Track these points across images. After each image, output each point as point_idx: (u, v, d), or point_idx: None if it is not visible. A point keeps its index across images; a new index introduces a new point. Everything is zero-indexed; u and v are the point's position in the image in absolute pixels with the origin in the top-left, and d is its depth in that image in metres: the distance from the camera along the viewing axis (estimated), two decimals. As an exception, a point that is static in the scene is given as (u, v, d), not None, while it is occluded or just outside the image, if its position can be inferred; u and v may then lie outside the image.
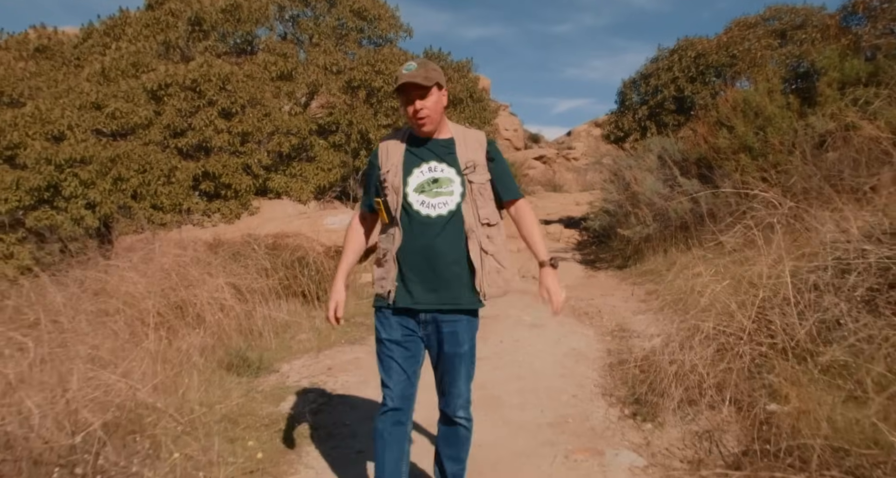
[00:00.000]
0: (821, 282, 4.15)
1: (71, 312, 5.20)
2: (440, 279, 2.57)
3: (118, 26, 12.16)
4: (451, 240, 2.56)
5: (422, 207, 2.55)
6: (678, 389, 4.14)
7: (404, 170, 2.59)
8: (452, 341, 2.62)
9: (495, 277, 2.63)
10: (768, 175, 8.45)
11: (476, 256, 2.57)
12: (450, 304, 2.58)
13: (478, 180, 2.58)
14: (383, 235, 2.67)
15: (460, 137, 2.65)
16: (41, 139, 9.29)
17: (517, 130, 38.84)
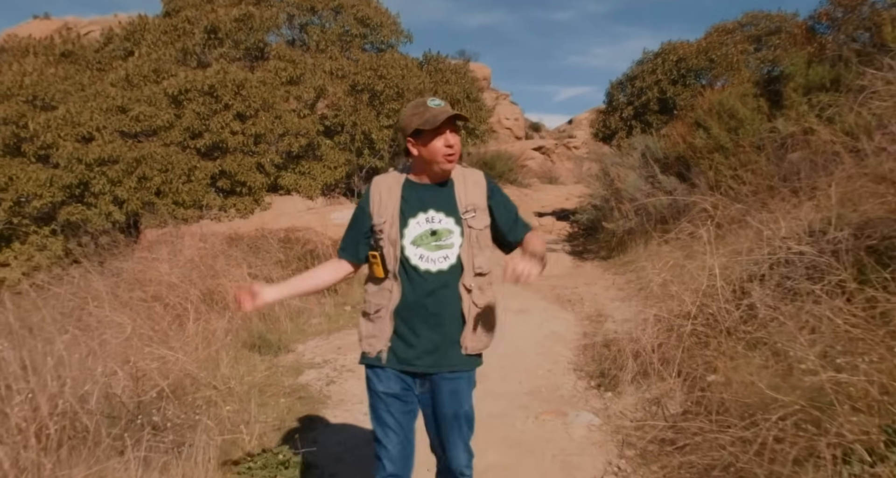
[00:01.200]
0: (755, 273, 4.84)
1: (116, 298, 5.91)
2: (440, 340, 2.38)
3: (137, 32, 12.79)
4: (451, 296, 2.37)
5: (420, 261, 2.36)
6: (634, 363, 4.84)
7: (401, 221, 2.37)
8: (453, 401, 2.44)
9: (480, 333, 2.45)
10: (739, 174, 9.10)
11: (466, 310, 2.38)
12: (449, 366, 2.41)
13: (477, 226, 2.39)
14: (374, 288, 2.45)
15: (459, 179, 2.44)
16: (72, 140, 9.95)
17: (518, 119, 38.91)
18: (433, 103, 2.33)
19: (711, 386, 4.19)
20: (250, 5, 12.00)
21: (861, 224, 4.64)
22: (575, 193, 20.29)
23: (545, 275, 9.39)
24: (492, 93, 40.42)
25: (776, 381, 3.32)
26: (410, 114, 2.33)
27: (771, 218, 5.57)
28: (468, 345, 2.40)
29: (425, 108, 2.32)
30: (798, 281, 4.32)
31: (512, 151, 31.25)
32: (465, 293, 2.37)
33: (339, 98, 11.56)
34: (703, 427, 3.60)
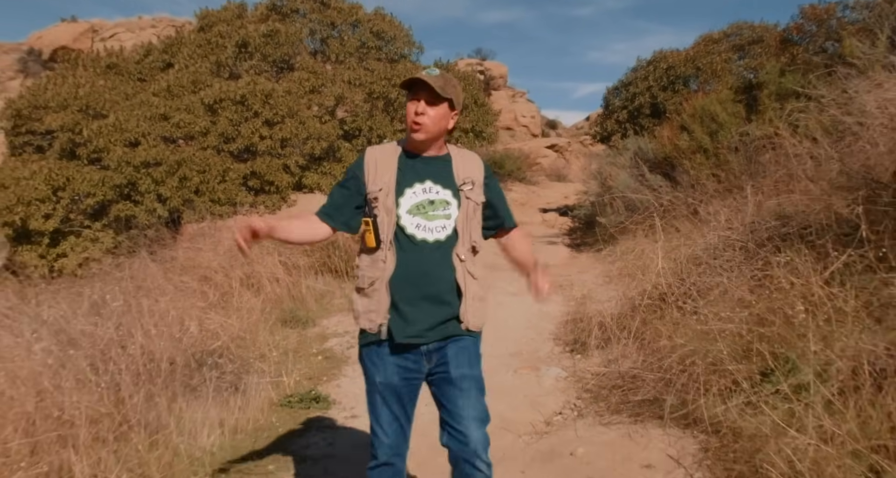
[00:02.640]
0: (702, 257, 5.74)
1: (169, 281, 6.91)
2: (436, 309, 2.30)
3: (175, 46, 13.82)
4: (447, 266, 2.31)
5: (417, 230, 2.29)
6: (599, 332, 5.76)
7: (397, 189, 2.31)
8: (461, 360, 2.32)
9: (478, 306, 2.37)
10: (715, 172, 9.95)
11: (462, 281, 2.31)
12: (447, 336, 2.33)
13: (474, 199, 2.36)
14: (367, 259, 2.36)
15: (457, 155, 2.42)
16: (121, 145, 10.99)
17: (534, 117, 39.17)
18: (427, 71, 2.29)
19: (659, 349, 5.12)
20: (277, 22, 13.00)
21: (785, 215, 5.54)
22: (580, 190, 21.15)
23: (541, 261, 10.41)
24: (508, 91, 40.75)
25: (690, 335, 4.24)
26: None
27: (720, 210, 6.47)
28: (469, 319, 2.32)
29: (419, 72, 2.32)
30: (724, 261, 5.23)
31: (525, 149, 32.00)
32: (459, 263, 2.30)
33: (356, 105, 12.51)
34: (640, 374, 4.52)
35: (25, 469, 2.46)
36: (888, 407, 3.00)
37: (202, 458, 3.52)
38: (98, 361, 3.65)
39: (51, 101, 11.64)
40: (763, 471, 2.85)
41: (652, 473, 3.36)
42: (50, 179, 10.86)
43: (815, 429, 2.96)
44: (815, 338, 3.48)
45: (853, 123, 6.00)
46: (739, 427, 3.33)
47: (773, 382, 3.63)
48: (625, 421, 4.10)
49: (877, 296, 3.56)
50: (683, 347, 4.05)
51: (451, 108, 2.33)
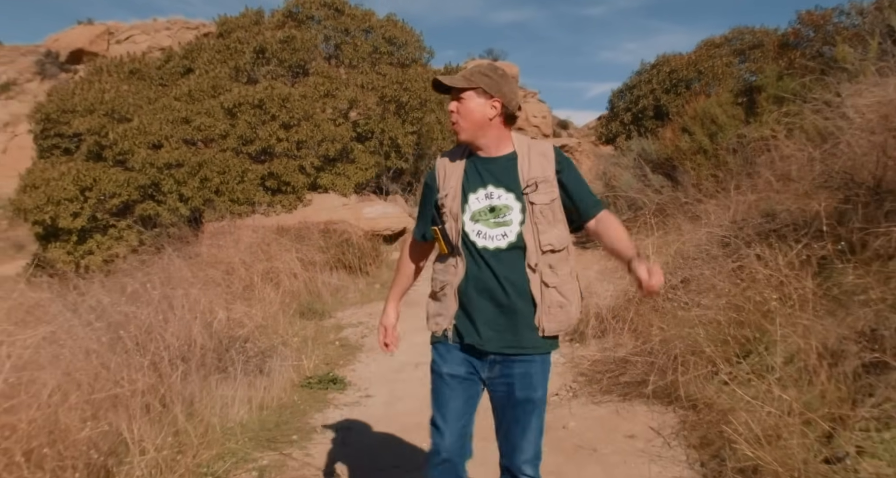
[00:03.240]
0: (690, 252, 6.10)
1: (194, 275, 7.33)
2: (504, 319, 2.22)
3: (194, 51, 14.27)
4: (513, 274, 2.20)
5: (478, 238, 2.23)
6: (596, 322, 6.13)
7: (462, 195, 2.26)
8: (525, 384, 2.23)
9: (557, 312, 2.23)
10: (715, 173, 10.28)
11: (536, 290, 2.20)
12: (515, 347, 2.22)
13: (540, 201, 2.20)
14: (440, 265, 2.34)
15: (523, 152, 2.27)
16: (145, 147, 11.44)
17: (546, 117, 38.86)
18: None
19: (650, 337, 5.49)
20: (293, 28, 13.43)
21: (769, 213, 5.90)
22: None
23: None
24: (519, 91, 41.27)
25: (672, 322, 4.61)
26: None
27: (711, 209, 6.82)
28: (545, 326, 2.21)
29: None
30: (709, 255, 5.59)
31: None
32: (531, 273, 2.19)
33: (369, 108, 12.91)
34: (630, 359, 4.89)
35: (91, 428, 2.87)
36: (840, 382, 3.37)
37: (233, 428, 3.93)
38: (141, 342, 4.06)
39: (78, 106, 12.12)
40: (727, 436, 3.21)
41: (634, 441, 3.73)
42: (78, 180, 11.32)
43: (776, 402, 3.32)
44: (782, 323, 3.84)
45: (834, 127, 6.36)
46: (713, 402, 3.70)
47: (748, 362, 4.01)
48: (614, 400, 4.48)
49: (836, 285, 3.92)
50: (665, 332, 4.41)
51: (486, 96, 2.20)
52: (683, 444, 3.59)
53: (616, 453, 3.61)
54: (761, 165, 9.41)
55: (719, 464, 3.18)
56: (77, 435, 2.92)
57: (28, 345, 3.20)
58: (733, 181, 9.47)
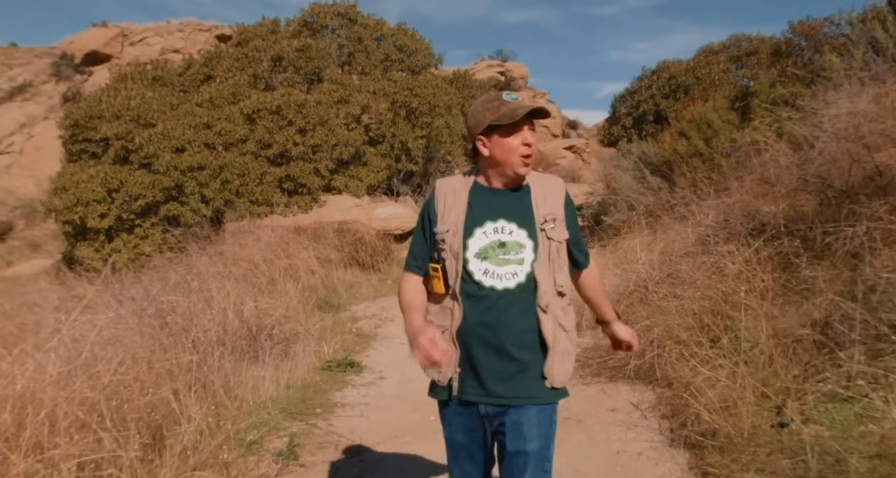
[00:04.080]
0: (675, 249, 6.58)
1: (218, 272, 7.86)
2: (511, 367, 2.02)
3: (214, 59, 14.84)
4: (522, 317, 2.02)
5: (485, 277, 2.02)
6: (590, 315, 6.62)
7: (465, 230, 2.05)
8: (515, 436, 2.03)
9: (566, 361, 2.07)
10: (710, 175, 10.73)
11: (550, 334, 2.01)
12: (523, 397, 2.02)
13: (557, 238, 2.05)
14: (435, 307, 2.12)
15: (537, 185, 2.10)
16: (168, 151, 12.00)
17: (555, 118, 38.71)
18: (509, 97, 2.05)
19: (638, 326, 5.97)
20: (308, 37, 13.97)
21: (749, 213, 6.37)
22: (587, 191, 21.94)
23: None
24: (529, 92, 40.77)
25: (653, 311, 5.10)
26: (483, 109, 2.05)
27: (695, 210, 7.30)
28: (556, 377, 2.03)
29: (501, 102, 2.03)
30: (690, 252, 6.08)
31: (544, 150, 32.70)
32: (544, 315, 2.00)
33: (380, 113, 13.43)
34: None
35: (152, 394, 3.39)
36: (793, 363, 3.86)
37: (265, 403, 4.45)
38: (184, 327, 4.60)
39: (105, 112, 12.70)
40: (692, 407, 3.71)
41: (615, 414, 4.23)
42: (105, 182, 11.90)
43: (738, 379, 3.81)
44: (747, 311, 4.33)
45: (810, 135, 6.83)
46: (685, 380, 4.19)
47: (719, 346, 4.50)
48: (601, 381, 4.98)
49: (795, 278, 4.40)
50: (647, 321, 4.91)
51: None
52: (657, 415, 4.08)
53: (599, 423, 4.11)
54: (748, 168, 9.88)
55: (684, 429, 3.67)
56: (139, 401, 3.44)
57: (95, 326, 3.73)
58: (724, 183, 9.95)
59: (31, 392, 2.81)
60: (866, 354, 3.75)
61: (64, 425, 2.82)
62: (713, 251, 5.56)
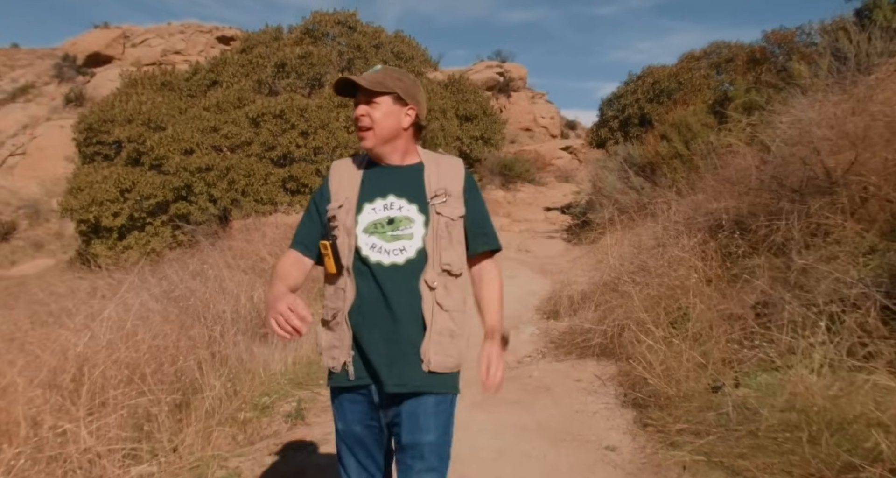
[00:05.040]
0: (644, 244, 7.17)
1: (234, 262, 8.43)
2: (392, 350, 1.92)
3: (220, 65, 15.41)
4: (408, 295, 1.93)
5: (372, 251, 1.94)
6: (568, 302, 7.20)
7: (357, 206, 1.99)
8: (411, 427, 1.94)
9: (446, 343, 1.95)
10: (688, 176, 11.30)
11: (428, 311, 1.92)
12: (411, 387, 1.93)
13: (448, 214, 1.98)
14: (330, 289, 2.02)
15: (431, 162, 2.07)
16: (178, 153, 12.58)
17: (553, 118, 39.92)
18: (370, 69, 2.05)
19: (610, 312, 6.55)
20: (310, 45, 14.55)
21: (709, 212, 6.95)
22: (575, 191, 22.56)
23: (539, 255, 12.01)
24: (527, 92, 41.02)
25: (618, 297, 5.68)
26: None
27: (667, 208, 7.88)
28: (431, 358, 1.92)
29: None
30: (656, 246, 6.66)
31: (541, 151, 33.27)
32: (427, 291, 1.93)
33: (378, 117, 14.01)
34: (589, 328, 5.96)
35: (182, 361, 3.97)
36: (731, 339, 4.45)
37: (274, 375, 5.03)
38: (201, 311, 5.18)
39: (118, 116, 13.28)
40: (642, 375, 4.29)
41: (580, 383, 4.81)
42: (118, 183, 12.48)
43: (685, 353, 4.39)
44: (695, 296, 4.91)
45: (768, 139, 7.41)
46: (641, 355, 4.77)
47: (676, 326, 5.08)
48: (572, 358, 5.56)
49: (738, 266, 4.99)
50: (609, 303, 5.49)
51: (401, 103, 2.00)
52: (615, 384, 4.66)
53: (564, 390, 4.68)
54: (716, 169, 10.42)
55: (633, 393, 4.26)
56: (169, 368, 4.03)
57: (130, 306, 4.32)
58: (700, 183, 10.51)
59: (88, 355, 3.39)
60: (794, 330, 4.33)
61: (113, 383, 3.40)
62: (675, 244, 6.15)
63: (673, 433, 3.57)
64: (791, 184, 6.48)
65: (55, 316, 4.94)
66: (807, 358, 4.10)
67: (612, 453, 3.53)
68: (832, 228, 5.08)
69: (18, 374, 3.20)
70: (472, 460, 3.50)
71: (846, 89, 7.85)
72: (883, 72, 7.12)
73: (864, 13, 11.65)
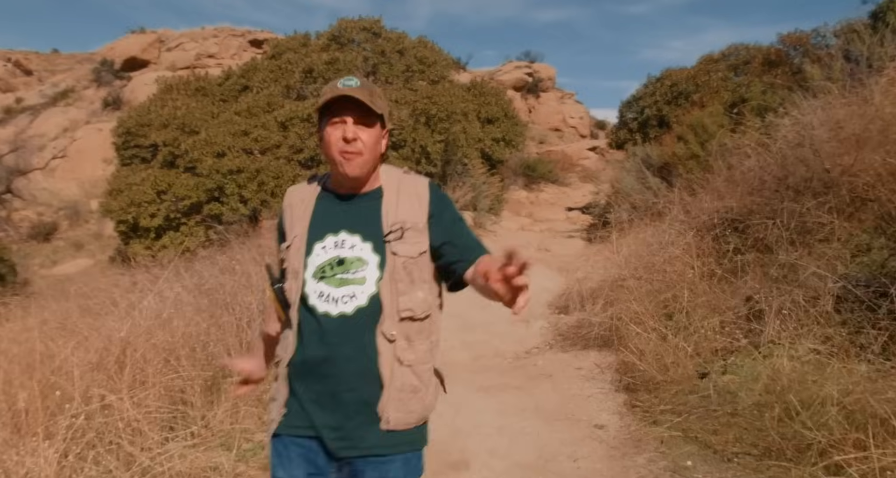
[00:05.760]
0: (652, 243, 7.43)
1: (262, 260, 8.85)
2: (343, 409, 1.68)
3: (250, 71, 15.92)
4: (358, 350, 1.66)
5: (319, 300, 1.68)
6: (577, 298, 7.48)
7: (307, 245, 1.72)
8: None
9: (408, 399, 1.70)
10: (704, 176, 11.48)
11: (386, 369, 1.67)
12: (364, 449, 1.68)
13: (405, 253, 1.69)
14: (282, 334, 1.78)
15: (392, 188, 1.77)
16: (211, 156, 13.08)
17: (583, 118, 39.77)
18: (343, 83, 1.71)
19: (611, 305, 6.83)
20: (336, 51, 14.99)
21: (714, 211, 7.19)
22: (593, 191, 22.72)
23: (557, 253, 12.33)
24: (556, 92, 40.92)
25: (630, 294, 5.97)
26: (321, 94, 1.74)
27: (674, 207, 8.12)
28: (392, 416, 1.68)
29: (330, 86, 1.72)
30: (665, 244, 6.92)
31: (569, 151, 33.40)
32: (385, 344, 1.67)
33: (402, 120, 14.39)
34: (595, 322, 6.26)
35: (213, 346, 4.36)
36: (722, 331, 4.72)
37: (298, 362, 5.42)
38: (229, 303, 5.58)
39: (154, 121, 13.84)
40: (637, 364, 4.58)
41: (580, 371, 5.11)
42: (155, 185, 13.02)
43: (673, 340, 4.67)
44: (692, 290, 5.19)
45: (770, 141, 7.62)
46: (634, 344, 5.06)
47: (671, 318, 5.36)
48: (576, 349, 5.85)
49: (731, 262, 5.26)
50: (612, 298, 5.78)
51: (382, 126, 1.77)
52: (612, 371, 4.96)
53: (565, 377, 4.99)
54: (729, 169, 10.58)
55: (626, 379, 4.55)
56: (200, 353, 4.42)
57: (164, 299, 4.73)
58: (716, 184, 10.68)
59: (129, 339, 3.79)
60: (780, 323, 4.59)
61: (152, 364, 3.80)
62: (676, 242, 6.41)
63: (657, 413, 3.87)
64: (790, 184, 6.71)
65: (100, 307, 5.39)
66: (792, 347, 4.36)
67: (599, 431, 3.84)
68: (823, 226, 5.33)
69: (71, 354, 3.60)
70: (473, 434, 3.83)
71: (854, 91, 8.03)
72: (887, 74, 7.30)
73: (878, 16, 11.75)
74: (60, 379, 3.36)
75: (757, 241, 5.42)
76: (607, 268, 8.60)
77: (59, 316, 4.78)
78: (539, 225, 17.36)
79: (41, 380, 3.45)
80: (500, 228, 16.01)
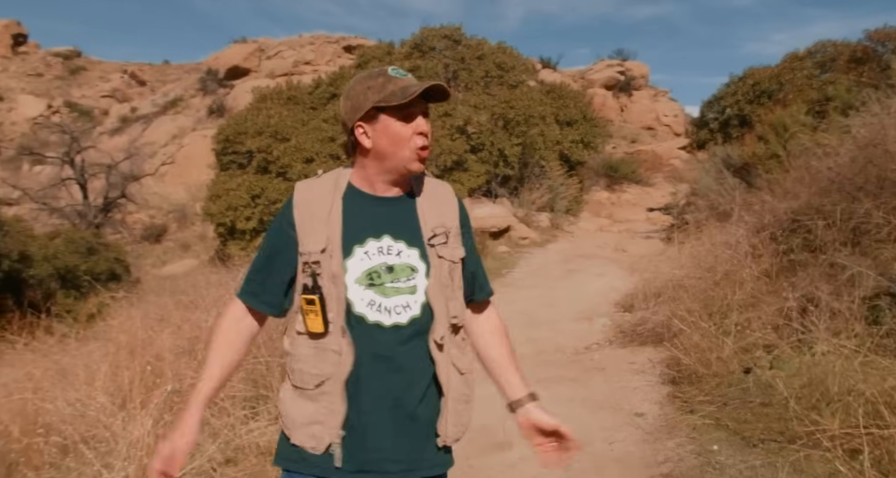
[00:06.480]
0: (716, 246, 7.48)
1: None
2: (410, 426, 1.56)
3: (338, 79, 16.66)
4: (415, 360, 1.56)
5: (369, 310, 1.53)
6: (642, 298, 7.63)
7: (343, 247, 1.54)
8: None
9: (462, 411, 1.62)
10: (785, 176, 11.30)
11: (444, 376, 1.57)
12: (418, 468, 1.57)
13: (450, 257, 1.60)
14: (309, 349, 1.56)
15: (426, 190, 1.66)
16: (300, 162, 13.83)
17: (677, 116, 38.65)
18: (396, 73, 1.57)
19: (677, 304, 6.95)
20: (418, 59, 15.51)
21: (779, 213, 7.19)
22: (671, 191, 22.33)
23: (633, 254, 12.48)
24: (649, 90, 40.38)
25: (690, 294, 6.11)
26: (364, 88, 1.55)
27: (742, 207, 8.11)
28: (449, 432, 1.60)
29: (386, 78, 1.55)
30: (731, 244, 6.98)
31: (659, 150, 32.88)
32: (439, 353, 1.57)
33: (481, 124, 14.76)
34: (653, 319, 6.42)
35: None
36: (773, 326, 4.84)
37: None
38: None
39: (249, 129, 14.74)
40: (682, 358, 4.76)
41: (632, 365, 5.33)
42: (250, 189, 13.88)
43: (721, 338, 4.82)
44: (743, 289, 5.30)
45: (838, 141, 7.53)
46: (685, 341, 5.23)
47: (725, 316, 5.49)
48: (633, 345, 6.05)
49: (790, 262, 5.34)
50: (673, 296, 5.94)
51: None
52: (662, 365, 5.15)
53: (617, 371, 5.22)
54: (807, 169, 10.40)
55: (672, 372, 4.74)
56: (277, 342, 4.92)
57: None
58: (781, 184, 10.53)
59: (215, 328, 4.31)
60: (830, 321, 4.67)
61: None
62: (741, 243, 6.48)
63: (695, 403, 4.06)
64: (856, 185, 6.66)
65: (193, 301, 6.00)
66: (840, 346, 4.45)
67: (638, 418, 4.08)
68: (881, 228, 5.33)
69: (167, 341, 4.15)
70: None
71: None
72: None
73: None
74: (157, 362, 3.89)
75: (812, 240, 5.46)
76: (672, 268, 8.68)
77: (158, 309, 5.39)
78: (618, 225, 17.32)
79: (142, 362, 4.01)
80: (578, 228, 16.12)
